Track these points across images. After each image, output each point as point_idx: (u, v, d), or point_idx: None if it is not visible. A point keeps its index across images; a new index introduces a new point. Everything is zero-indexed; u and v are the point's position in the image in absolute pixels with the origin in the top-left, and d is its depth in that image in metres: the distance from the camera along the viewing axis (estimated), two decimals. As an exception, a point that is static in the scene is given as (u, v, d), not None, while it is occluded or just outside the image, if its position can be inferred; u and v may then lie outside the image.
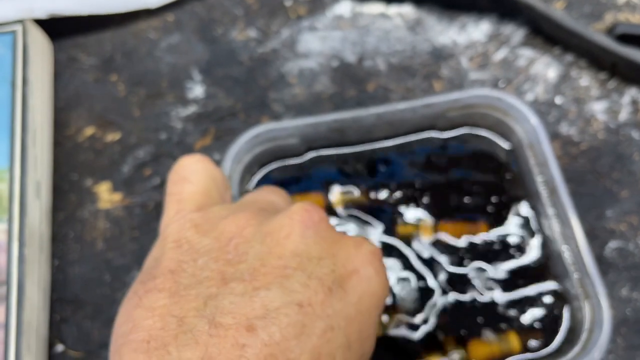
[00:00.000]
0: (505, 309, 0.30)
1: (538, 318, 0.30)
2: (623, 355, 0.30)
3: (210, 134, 0.36)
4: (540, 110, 0.35)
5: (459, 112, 0.33)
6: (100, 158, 0.36)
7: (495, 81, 0.37)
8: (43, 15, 0.37)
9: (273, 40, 0.38)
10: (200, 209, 0.24)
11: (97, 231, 0.34)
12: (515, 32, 0.38)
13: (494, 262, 0.31)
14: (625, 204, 0.33)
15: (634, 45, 0.35)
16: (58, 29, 0.39)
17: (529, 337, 0.30)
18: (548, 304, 0.30)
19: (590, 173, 0.34)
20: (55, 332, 0.32)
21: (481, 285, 0.31)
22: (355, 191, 0.33)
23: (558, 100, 0.36)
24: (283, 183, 0.33)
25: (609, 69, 0.36)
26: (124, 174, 0.35)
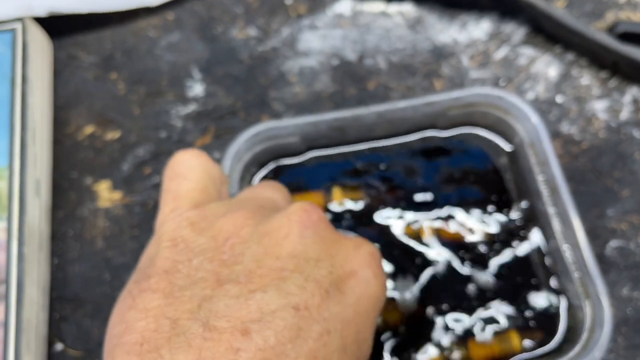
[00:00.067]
0: (505, 308, 0.30)
1: (539, 317, 0.30)
2: (624, 354, 0.30)
3: (210, 132, 0.36)
4: (541, 109, 0.35)
5: (459, 111, 0.33)
6: (100, 156, 0.36)
7: (496, 80, 0.36)
8: (43, 13, 0.37)
9: (273, 39, 0.38)
10: (197, 207, 0.23)
11: (97, 229, 0.34)
12: (516, 31, 0.38)
13: (494, 261, 0.31)
14: (626, 203, 0.33)
15: (635, 44, 0.35)
16: (58, 27, 0.39)
17: (529, 337, 0.29)
18: (549, 303, 0.30)
19: (591, 172, 0.34)
20: (54, 331, 0.32)
21: (482, 285, 0.31)
22: (356, 190, 0.33)
23: (559, 99, 0.36)
24: (283, 182, 0.33)
25: (610, 67, 0.36)
26: (123, 172, 0.35)
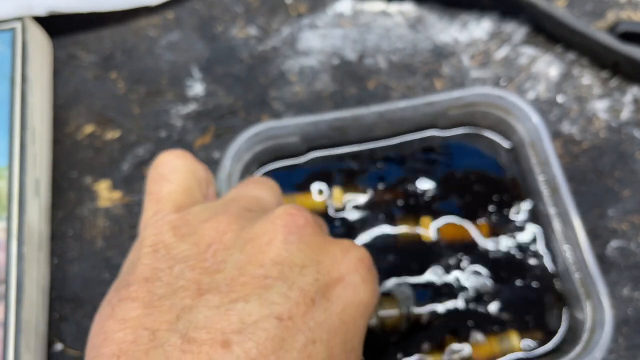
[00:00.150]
0: (506, 308, 0.30)
1: (539, 317, 0.30)
2: (624, 355, 0.30)
3: (210, 132, 0.36)
4: (541, 109, 0.35)
5: (460, 111, 0.33)
6: (100, 156, 0.36)
7: (496, 79, 0.36)
8: (42, 12, 0.37)
9: (273, 38, 0.38)
10: (180, 210, 0.23)
11: (97, 229, 0.34)
12: (516, 30, 0.38)
13: (495, 261, 0.31)
14: (627, 203, 0.33)
15: (636, 44, 0.34)
16: (57, 27, 0.39)
17: (529, 337, 0.29)
18: (549, 303, 0.30)
19: (592, 172, 0.34)
20: (54, 331, 0.32)
21: (482, 284, 0.31)
22: (356, 191, 0.33)
23: (560, 98, 0.36)
24: (283, 182, 0.33)
25: (611, 67, 0.36)
26: (123, 172, 0.35)
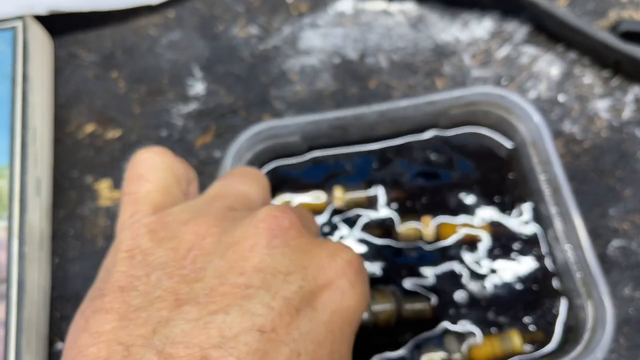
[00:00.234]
0: (507, 308, 0.30)
1: (540, 317, 0.30)
2: (626, 354, 0.30)
3: (211, 131, 0.36)
4: (543, 108, 0.35)
5: (461, 110, 0.33)
6: (101, 155, 0.36)
7: (497, 79, 0.36)
8: (43, 11, 0.37)
9: (274, 37, 0.38)
10: (159, 210, 0.22)
11: (98, 228, 0.34)
12: (518, 30, 0.38)
13: (496, 261, 0.31)
14: (628, 203, 0.33)
15: (637, 43, 0.34)
16: (58, 26, 0.39)
17: (531, 336, 0.29)
18: (550, 303, 0.30)
19: (593, 171, 0.34)
20: (55, 330, 0.32)
21: (483, 284, 0.31)
22: (357, 190, 0.33)
23: (561, 98, 0.36)
24: (284, 181, 0.33)
25: (613, 66, 0.36)
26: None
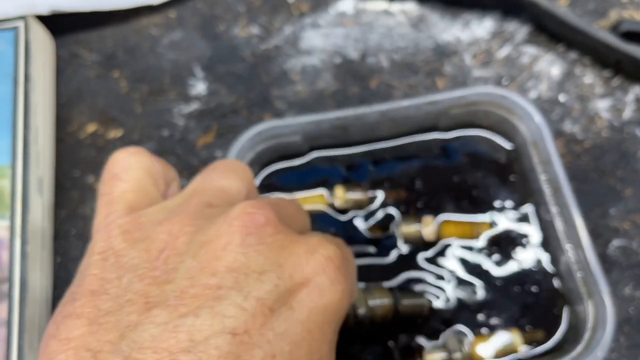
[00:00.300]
0: (507, 308, 0.30)
1: (541, 316, 0.30)
2: (626, 354, 0.30)
3: (212, 131, 0.36)
4: (543, 108, 0.35)
5: (462, 110, 0.33)
6: (102, 155, 0.36)
7: (498, 79, 0.36)
8: (45, 11, 0.37)
9: (275, 37, 0.38)
10: (134, 211, 0.21)
11: (99, 228, 0.34)
12: (518, 29, 0.38)
13: (497, 261, 0.31)
14: (629, 202, 0.33)
15: (638, 43, 0.34)
16: (60, 25, 0.39)
17: (531, 336, 0.29)
18: (551, 302, 0.30)
19: (594, 171, 0.34)
20: (57, 329, 0.32)
21: (484, 284, 0.31)
22: (358, 190, 0.33)
23: (562, 97, 0.36)
24: (285, 181, 0.33)
25: (613, 66, 0.36)
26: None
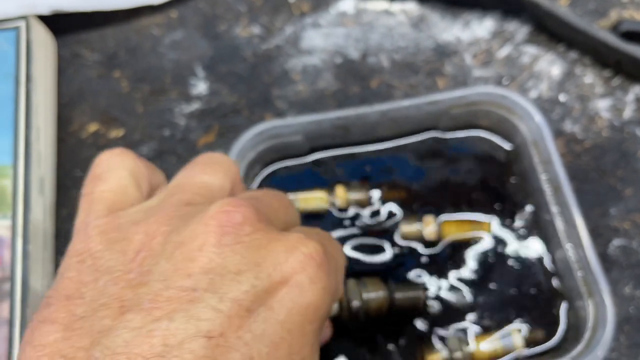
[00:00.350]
0: (508, 307, 0.30)
1: (541, 315, 0.30)
2: (626, 353, 0.30)
3: (213, 130, 0.36)
4: (544, 108, 0.35)
5: (462, 110, 0.33)
6: (104, 154, 0.36)
7: (499, 78, 0.36)
8: (46, 11, 0.37)
9: (276, 37, 0.38)
10: (112, 212, 0.21)
11: (101, 228, 0.34)
12: (519, 29, 0.38)
13: (497, 260, 0.31)
14: (629, 202, 0.33)
15: (638, 43, 0.35)
16: (61, 25, 0.39)
17: (532, 335, 0.30)
18: (551, 301, 0.30)
19: (594, 171, 0.34)
20: (59, 328, 0.32)
21: (484, 283, 0.31)
22: (359, 190, 0.33)
23: (562, 97, 0.36)
24: (287, 181, 0.33)
25: (614, 66, 0.36)
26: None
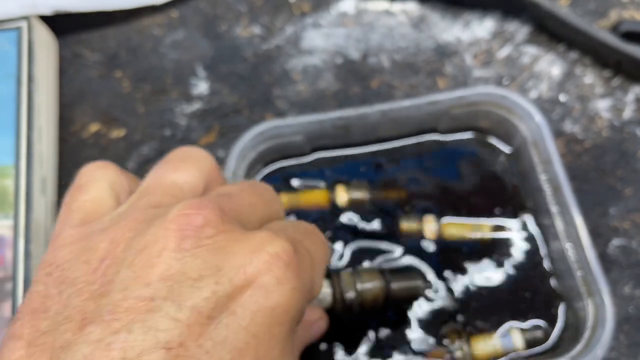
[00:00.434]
0: (508, 306, 0.30)
1: (541, 315, 0.30)
2: (626, 352, 0.30)
3: (214, 130, 0.36)
4: (544, 108, 0.35)
5: (462, 110, 0.33)
6: (105, 154, 0.36)
7: (499, 79, 0.37)
8: (48, 11, 0.37)
9: (277, 37, 0.38)
10: (86, 222, 0.20)
11: (102, 227, 0.34)
12: (519, 29, 0.38)
13: (497, 260, 0.31)
14: (629, 202, 0.33)
15: (638, 43, 0.35)
16: (63, 26, 0.39)
17: (531, 334, 0.30)
18: (551, 301, 0.30)
19: (594, 171, 0.34)
20: (60, 328, 0.32)
21: (484, 283, 0.31)
22: (359, 190, 0.33)
23: (562, 97, 0.36)
24: (288, 180, 0.33)
25: (614, 66, 0.36)
26: (128, 170, 0.35)
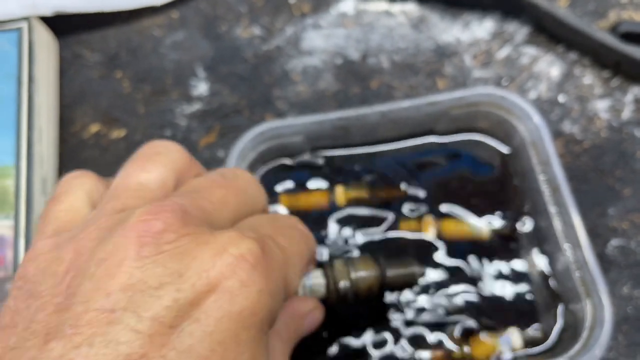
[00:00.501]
0: (506, 307, 0.30)
1: (539, 315, 0.30)
2: (624, 352, 0.30)
3: (214, 131, 0.36)
4: (543, 109, 0.36)
5: (462, 110, 0.33)
6: (106, 155, 0.36)
7: (498, 79, 0.37)
8: (48, 12, 0.37)
9: (277, 38, 0.39)
10: (59, 232, 0.20)
11: (103, 227, 0.34)
12: (518, 30, 0.38)
13: (496, 261, 0.31)
14: (627, 202, 0.33)
15: (637, 44, 0.35)
16: (63, 26, 0.39)
17: (530, 334, 0.30)
18: (549, 301, 0.30)
19: (593, 171, 0.34)
20: (61, 327, 0.32)
21: (483, 283, 0.31)
22: (359, 190, 0.33)
23: (561, 98, 0.36)
24: (287, 181, 0.34)
25: (613, 67, 0.36)
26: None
